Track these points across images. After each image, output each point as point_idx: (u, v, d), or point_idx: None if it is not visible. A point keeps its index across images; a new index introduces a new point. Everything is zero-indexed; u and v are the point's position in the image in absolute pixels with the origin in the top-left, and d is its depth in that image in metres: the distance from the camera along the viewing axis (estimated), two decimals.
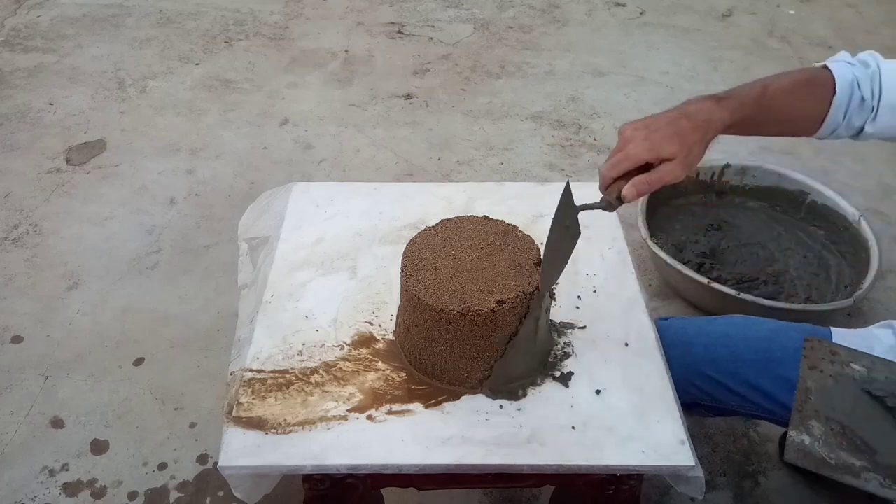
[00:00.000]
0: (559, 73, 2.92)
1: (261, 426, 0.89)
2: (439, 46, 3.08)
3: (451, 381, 0.94)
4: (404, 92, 2.79)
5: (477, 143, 2.54)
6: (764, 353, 1.08)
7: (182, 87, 2.80)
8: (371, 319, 1.03)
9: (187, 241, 2.13)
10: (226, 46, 3.06)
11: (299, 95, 2.77)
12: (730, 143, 2.53)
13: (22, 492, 1.51)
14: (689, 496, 0.90)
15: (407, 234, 1.07)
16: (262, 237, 1.19)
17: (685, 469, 0.86)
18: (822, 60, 1.02)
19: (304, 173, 2.37)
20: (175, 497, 1.51)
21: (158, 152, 2.47)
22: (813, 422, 0.84)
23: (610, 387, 0.94)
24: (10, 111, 2.65)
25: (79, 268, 2.03)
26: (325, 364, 0.97)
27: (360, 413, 0.90)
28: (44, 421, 1.65)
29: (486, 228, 0.98)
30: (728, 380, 1.10)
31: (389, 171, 2.40)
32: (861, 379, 0.88)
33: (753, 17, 3.34)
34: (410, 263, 0.93)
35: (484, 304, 0.87)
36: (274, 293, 1.07)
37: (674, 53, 3.05)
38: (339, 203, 1.24)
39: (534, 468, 0.86)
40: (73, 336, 1.84)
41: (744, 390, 1.09)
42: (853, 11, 3.37)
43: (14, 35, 3.11)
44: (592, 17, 3.32)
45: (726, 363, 1.10)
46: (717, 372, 1.10)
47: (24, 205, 2.25)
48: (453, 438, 0.88)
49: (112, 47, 3.03)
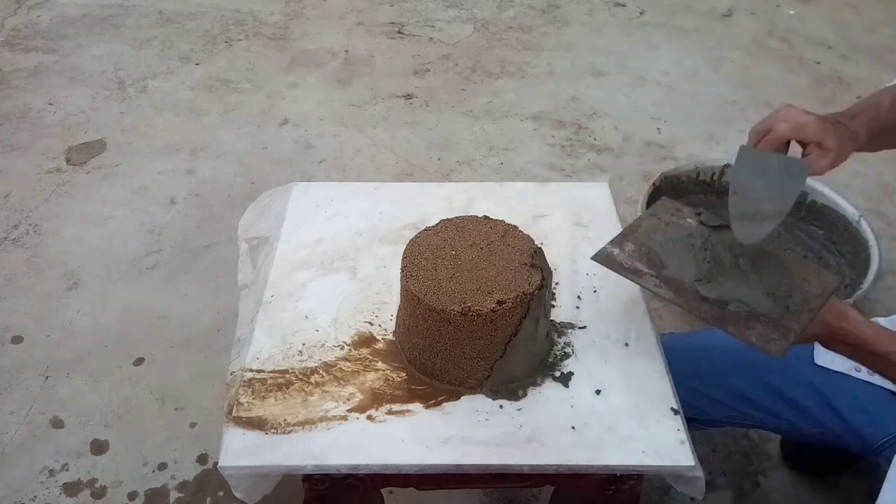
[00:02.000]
0: (559, 73, 2.92)
1: (261, 426, 0.89)
2: (439, 46, 3.08)
3: (451, 381, 0.94)
4: (404, 92, 2.79)
5: (477, 143, 2.53)
6: (744, 361, 1.09)
7: (182, 87, 2.80)
8: (371, 319, 1.03)
9: (187, 241, 2.13)
10: (226, 46, 3.06)
11: (299, 95, 2.77)
12: (730, 142, 2.54)
13: (22, 492, 1.51)
14: (690, 496, 0.90)
15: (407, 234, 1.07)
16: (263, 237, 1.19)
17: (685, 469, 0.86)
18: (822, 60, 1.02)
19: (304, 173, 2.37)
20: (175, 497, 1.51)
21: (158, 152, 2.47)
22: (629, 244, 1.00)
23: (610, 387, 0.94)
24: (10, 111, 2.65)
25: (79, 268, 2.03)
26: (325, 364, 0.97)
27: (360, 413, 0.90)
28: (44, 421, 1.65)
29: (486, 228, 0.98)
30: (715, 392, 1.11)
31: (389, 171, 2.40)
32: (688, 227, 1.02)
33: (753, 17, 3.34)
34: (410, 263, 0.93)
35: (484, 304, 0.87)
36: (274, 293, 1.07)
37: (674, 53, 3.05)
38: (339, 203, 1.24)
39: (534, 468, 0.86)
40: (73, 336, 1.84)
41: (730, 401, 1.11)
42: (853, 11, 3.37)
43: (14, 35, 3.11)
44: (592, 17, 3.32)
45: (711, 376, 1.11)
46: (703, 385, 1.11)
47: (24, 205, 2.25)
48: (453, 438, 0.88)
49: (112, 47, 3.03)
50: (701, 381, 1.11)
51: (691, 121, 2.66)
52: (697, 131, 2.61)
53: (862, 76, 2.87)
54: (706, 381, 1.11)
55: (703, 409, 1.12)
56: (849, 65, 2.95)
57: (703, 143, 2.55)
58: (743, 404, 1.11)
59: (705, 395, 1.11)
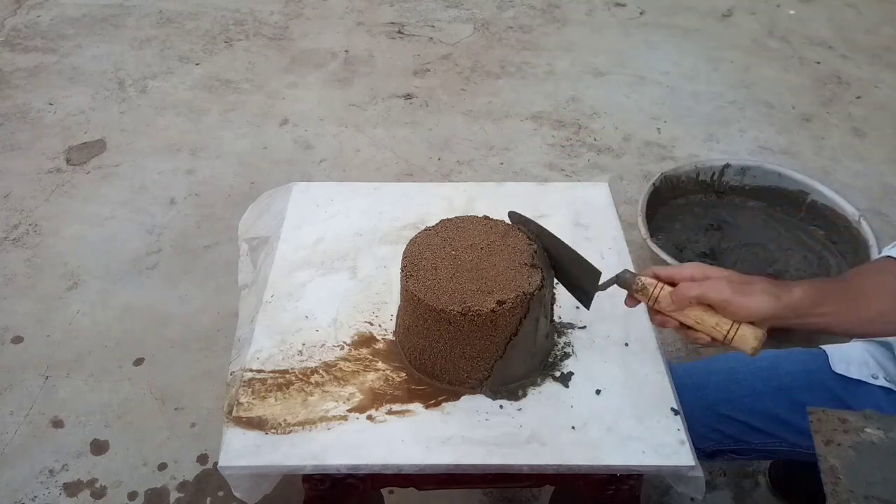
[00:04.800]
0: (559, 73, 2.92)
1: (261, 426, 0.89)
2: (439, 46, 3.08)
3: (451, 381, 0.94)
4: (404, 92, 2.79)
5: (477, 143, 2.53)
6: (772, 382, 1.07)
7: (182, 87, 2.80)
8: (371, 319, 1.03)
9: (187, 241, 2.13)
10: (226, 46, 3.06)
11: (299, 95, 2.77)
12: (730, 142, 2.54)
13: (22, 492, 1.51)
14: (690, 496, 0.90)
15: (407, 234, 1.07)
16: (263, 237, 1.19)
17: (685, 469, 0.86)
18: (822, 60, 1.02)
19: (304, 173, 2.37)
20: (175, 497, 1.51)
21: (158, 152, 2.47)
22: None
23: (610, 387, 0.94)
24: (10, 111, 2.65)
25: (79, 268, 2.03)
26: (325, 364, 0.97)
27: (360, 413, 0.90)
28: (44, 421, 1.65)
29: (486, 228, 0.98)
30: (747, 416, 1.07)
31: (389, 171, 2.40)
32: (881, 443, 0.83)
33: (753, 17, 3.34)
34: (410, 263, 0.93)
35: (484, 304, 0.87)
36: (274, 293, 1.07)
37: (674, 53, 3.05)
38: (339, 203, 1.24)
39: (534, 468, 0.86)
40: (73, 336, 1.84)
41: (763, 424, 1.07)
42: (853, 11, 3.37)
43: (14, 35, 3.11)
44: (592, 17, 3.32)
45: (742, 399, 1.08)
46: (735, 410, 1.08)
47: (24, 205, 2.25)
48: (453, 438, 0.88)
49: (112, 47, 3.03)
50: (732, 405, 1.07)
51: (691, 121, 2.66)
52: (697, 131, 2.61)
53: (862, 76, 2.87)
54: (738, 405, 1.07)
55: (735, 437, 1.09)
56: (849, 65, 2.95)
57: (703, 143, 2.55)
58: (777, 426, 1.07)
59: (738, 420, 1.07)
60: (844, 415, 0.85)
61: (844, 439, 0.83)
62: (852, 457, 0.82)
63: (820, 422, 0.84)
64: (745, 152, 2.48)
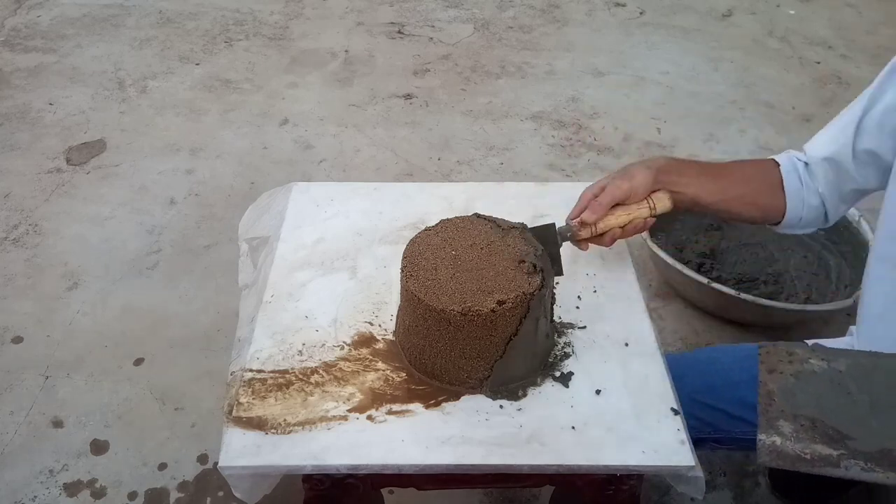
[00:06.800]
0: (559, 73, 2.92)
1: (261, 426, 0.89)
2: (439, 46, 3.08)
3: (451, 381, 0.94)
4: (404, 92, 2.79)
5: (477, 143, 2.54)
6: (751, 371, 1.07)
7: (182, 87, 2.80)
8: (371, 319, 1.03)
9: (187, 241, 2.13)
10: (226, 46, 3.06)
11: (299, 95, 2.77)
12: (730, 142, 2.54)
13: (22, 492, 1.51)
14: (690, 496, 0.90)
15: (407, 234, 1.07)
16: (263, 237, 1.19)
17: (685, 469, 0.86)
18: (822, 60, 1.04)
19: (305, 173, 2.37)
20: (175, 497, 1.51)
21: (158, 152, 2.47)
22: (781, 421, 0.81)
23: (610, 387, 0.94)
24: (10, 111, 2.65)
25: (79, 268, 2.03)
26: (325, 364, 0.97)
27: (360, 413, 0.90)
28: (44, 421, 1.65)
29: (487, 228, 0.98)
30: (726, 405, 1.09)
31: (389, 171, 2.40)
32: (822, 372, 0.85)
33: (753, 17, 3.34)
34: (410, 263, 0.93)
35: (484, 304, 0.87)
36: (274, 293, 1.07)
37: (674, 53, 3.05)
38: (339, 203, 1.24)
39: (534, 468, 0.86)
40: (73, 336, 1.84)
41: (742, 412, 1.08)
42: (853, 11, 3.37)
43: (14, 35, 3.11)
44: (592, 17, 3.32)
45: (722, 389, 1.10)
46: (715, 399, 1.09)
47: (24, 205, 2.25)
48: (453, 438, 0.88)
49: (112, 47, 3.03)
50: (712, 394, 1.09)
51: (691, 121, 2.66)
52: (697, 131, 2.61)
53: (862, 76, 2.87)
54: (718, 395, 1.09)
55: (715, 425, 1.10)
56: (849, 65, 2.95)
57: (703, 143, 2.55)
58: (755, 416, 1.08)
59: (717, 409, 1.09)
60: (793, 347, 0.89)
61: (788, 368, 0.87)
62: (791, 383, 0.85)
63: (768, 354, 0.88)
64: (745, 152, 2.48)
